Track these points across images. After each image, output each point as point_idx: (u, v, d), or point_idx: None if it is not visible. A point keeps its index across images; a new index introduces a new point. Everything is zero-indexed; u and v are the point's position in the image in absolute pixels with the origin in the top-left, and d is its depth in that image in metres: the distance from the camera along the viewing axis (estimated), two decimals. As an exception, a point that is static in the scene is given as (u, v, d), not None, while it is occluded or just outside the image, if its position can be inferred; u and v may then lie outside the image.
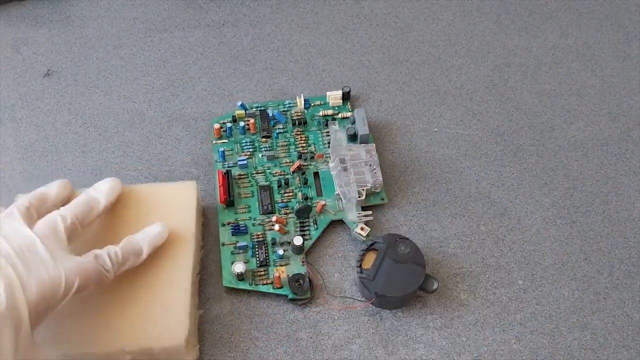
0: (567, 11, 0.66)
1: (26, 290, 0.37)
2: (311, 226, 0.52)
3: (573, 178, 0.55)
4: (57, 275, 0.39)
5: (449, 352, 0.47)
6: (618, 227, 0.52)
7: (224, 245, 0.51)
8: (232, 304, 0.49)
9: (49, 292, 0.38)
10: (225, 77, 0.61)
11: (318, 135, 0.56)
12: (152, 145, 0.57)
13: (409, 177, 0.55)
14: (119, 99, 0.60)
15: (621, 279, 0.50)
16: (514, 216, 0.53)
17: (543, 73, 0.61)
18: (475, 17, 0.65)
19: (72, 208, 0.44)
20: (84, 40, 0.64)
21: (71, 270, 0.40)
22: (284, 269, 0.49)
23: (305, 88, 0.60)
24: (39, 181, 0.54)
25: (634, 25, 0.64)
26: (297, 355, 0.47)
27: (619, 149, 0.57)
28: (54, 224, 0.42)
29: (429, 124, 0.58)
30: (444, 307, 0.49)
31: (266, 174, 0.54)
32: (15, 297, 0.37)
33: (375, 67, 0.62)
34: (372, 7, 0.66)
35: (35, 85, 0.61)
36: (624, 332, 0.48)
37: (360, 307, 0.49)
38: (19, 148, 0.57)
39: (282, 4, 0.66)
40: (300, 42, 0.63)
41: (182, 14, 0.65)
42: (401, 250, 0.48)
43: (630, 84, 0.61)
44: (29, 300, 0.37)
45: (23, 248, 0.39)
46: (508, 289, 0.50)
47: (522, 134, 0.58)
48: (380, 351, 0.47)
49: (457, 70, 0.62)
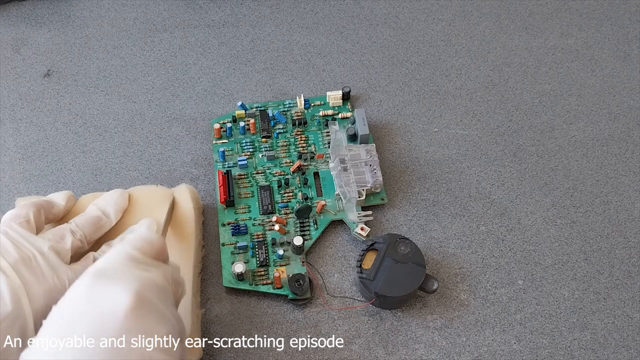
0: (567, 11, 0.66)
1: (32, 299, 0.38)
2: (311, 226, 0.52)
3: (573, 178, 0.55)
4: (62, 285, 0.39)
5: (449, 352, 0.47)
6: (618, 227, 0.52)
7: (224, 245, 0.51)
8: (232, 304, 0.49)
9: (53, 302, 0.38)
10: (225, 77, 0.61)
11: (318, 135, 0.56)
12: (152, 146, 0.57)
13: (409, 177, 0.55)
14: (119, 99, 0.60)
15: (621, 279, 0.50)
16: (514, 216, 0.53)
17: (543, 73, 0.61)
18: (475, 17, 0.65)
19: (82, 224, 0.44)
20: (84, 40, 0.64)
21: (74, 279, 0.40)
22: (284, 269, 0.49)
23: (305, 88, 0.60)
24: (39, 181, 0.54)
25: (634, 25, 0.64)
26: (297, 355, 0.47)
27: (619, 149, 0.57)
28: (63, 237, 0.42)
29: (429, 124, 0.58)
30: (444, 307, 0.49)
31: (266, 174, 0.54)
32: (21, 304, 0.37)
33: (375, 67, 0.62)
34: (372, 7, 0.66)
35: (35, 85, 0.61)
36: (624, 332, 0.48)
37: (360, 307, 0.49)
38: (19, 148, 0.57)
39: (282, 4, 0.66)
40: (300, 42, 0.63)
41: (182, 14, 0.65)
42: (401, 250, 0.48)
43: (630, 84, 0.60)
44: (35, 308, 0.38)
45: (31, 256, 0.40)
46: (508, 289, 0.50)
47: (522, 134, 0.58)
48: (380, 351, 0.47)
49: (457, 70, 0.62)
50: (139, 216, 0.47)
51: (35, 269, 0.39)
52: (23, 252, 0.39)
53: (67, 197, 0.46)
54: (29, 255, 0.39)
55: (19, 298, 0.37)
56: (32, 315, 0.38)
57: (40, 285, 0.38)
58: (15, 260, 0.39)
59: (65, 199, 0.46)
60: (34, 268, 0.39)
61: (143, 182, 0.54)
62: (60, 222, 0.46)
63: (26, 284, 0.38)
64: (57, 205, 0.45)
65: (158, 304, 0.35)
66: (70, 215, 0.47)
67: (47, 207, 0.44)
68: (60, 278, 0.40)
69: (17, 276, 0.38)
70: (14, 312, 0.37)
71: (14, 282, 0.38)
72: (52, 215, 0.45)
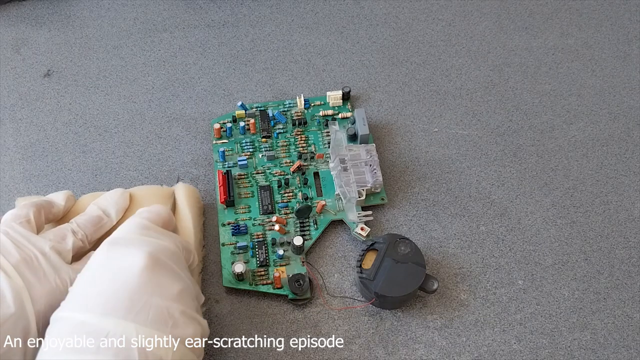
0: (567, 11, 0.66)
1: (34, 300, 0.38)
2: (311, 226, 0.52)
3: (573, 178, 0.55)
4: (64, 285, 0.39)
5: (449, 352, 0.47)
6: (618, 227, 0.52)
7: (224, 245, 0.51)
8: (232, 304, 0.49)
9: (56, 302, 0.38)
10: (225, 77, 0.61)
11: (318, 135, 0.56)
12: (152, 145, 0.57)
13: (409, 177, 0.55)
14: (119, 99, 0.60)
15: (621, 279, 0.50)
16: (514, 216, 0.53)
17: (543, 73, 0.61)
18: (475, 17, 0.65)
19: (83, 223, 0.44)
20: (84, 40, 0.64)
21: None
22: (284, 269, 0.49)
23: (305, 88, 0.60)
24: (39, 181, 0.54)
25: (634, 25, 0.64)
26: (297, 355, 0.47)
27: (619, 149, 0.57)
28: (64, 237, 0.42)
29: (429, 124, 0.58)
30: (444, 307, 0.49)
31: (266, 174, 0.54)
32: (24, 306, 0.37)
33: (375, 67, 0.62)
34: (372, 7, 0.66)
35: (35, 85, 0.61)
36: (624, 332, 0.48)
37: (360, 307, 0.49)
38: (19, 148, 0.57)
39: (282, 4, 0.66)
40: (300, 42, 0.63)
41: (182, 14, 0.65)
42: (401, 250, 0.48)
43: (630, 84, 0.61)
44: (37, 310, 0.38)
45: (32, 257, 0.39)
46: (508, 289, 0.50)
47: (522, 134, 0.58)
48: (380, 351, 0.47)
49: (457, 70, 0.62)
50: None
51: (37, 269, 0.39)
52: (25, 252, 0.39)
53: (67, 197, 0.46)
54: (30, 255, 0.39)
55: (21, 299, 0.37)
56: (35, 316, 0.38)
57: (43, 286, 0.39)
58: (17, 261, 0.39)
59: (64, 198, 0.46)
60: (36, 269, 0.39)
61: (143, 182, 0.55)
62: (60, 221, 0.46)
63: (28, 285, 0.38)
64: (57, 205, 0.45)
65: (172, 265, 0.38)
66: (70, 215, 0.47)
67: (46, 207, 0.44)
68: (62, 278, 0.40)
69: (20, 277, 0.38)
70: (16, 313, 0.37)
71: (17, 283, 0.38)
72: (52, 215, 0.45)
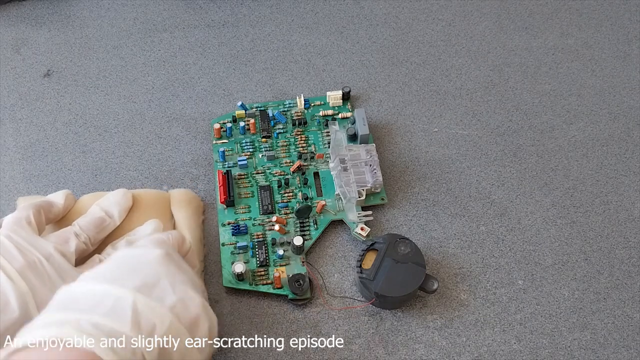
0: (567, 11, 0.66)
1: (39, 304, 0.38)
2: (311, 226, 0.52)
3: (573, 178, 0.55)
4: None
5: (449, 352, 0.47)
6: (618, 227, 0.52)
7: (224, 245, 0.51)
8: (232, 304, 0.49)
9: None
10: (225, 77, 0.61)
11: (318, 135, 0.56)
12: (152, 145, 0.57)
13: (409, 177, 0.55)
14: (119, 99, 0.60)
15: (621, 279, 0.50)
16: (514, 216, 0.53)
17: (543, 73, 0.61)
18: (475, 17, 0.65)
19: (86, 225, 0.44)
20: (84, 40, 0.64)
21: None
22: (284, 269, 0.49)
23: (305, 88, 0.60)
24: (39, 181, 0.54)
25: (634, 25, 0.64)
26: (297, 355, 0.47)
27: (619, 149, 0.57)
28: (67, 240, 0.42)
29: (429, 124, 0.58)
30: (444, 307, 0.49)
31: (266, 174, 0.54)
32: (29, 310, 0.37)
33: (375, 67, 0.62)
34: (372, 7, 0.66)
35: (35, 85, 0.60)
36: (624, 332, 0.48)
37: (360, 307, 0.49)
38: (19, 148, 0.57)
39: (282, 4, 0.66)
40: (300, 42, 0.63)
41: (182, 14, 0.65)
42: (401, 250, 0.48)
43: (630, 84, 0.60)
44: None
45: (36, 261, 0.39)
46: (508, 289, 0.50)
47: (522, 134, 0.58)
48: (380, 351, 0.47)
49: (457, 70, 0.62)
50: (142, 218, 0.47)
51: (42, 273, 0.39)
52: (28, 257, 0.39)
53: (66, 196, 0.46)
54: (34, 259, 0.39)
55: (26, 303, 0.37)
56: None
57: (47, 290, 0.38)
58: (21, 266, 0.38)
59: (63, 197, 0.46)
60: (40, 273, 0.39)
61: (143, 182, 0.55)
62: (62, 221, 0.46)
63: (33, 289, 0.38)
64: (56, 204, 0.45)
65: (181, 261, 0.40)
66: (72, 215, 0.46)
67: (46, 207, 0.44)
68: (66, 282, 0.39)
69: (24, 281, 0.38)
70: (21, 318, 0.37)
71: (21, 287, 0.37)
72: (53, 215, 0.45)
